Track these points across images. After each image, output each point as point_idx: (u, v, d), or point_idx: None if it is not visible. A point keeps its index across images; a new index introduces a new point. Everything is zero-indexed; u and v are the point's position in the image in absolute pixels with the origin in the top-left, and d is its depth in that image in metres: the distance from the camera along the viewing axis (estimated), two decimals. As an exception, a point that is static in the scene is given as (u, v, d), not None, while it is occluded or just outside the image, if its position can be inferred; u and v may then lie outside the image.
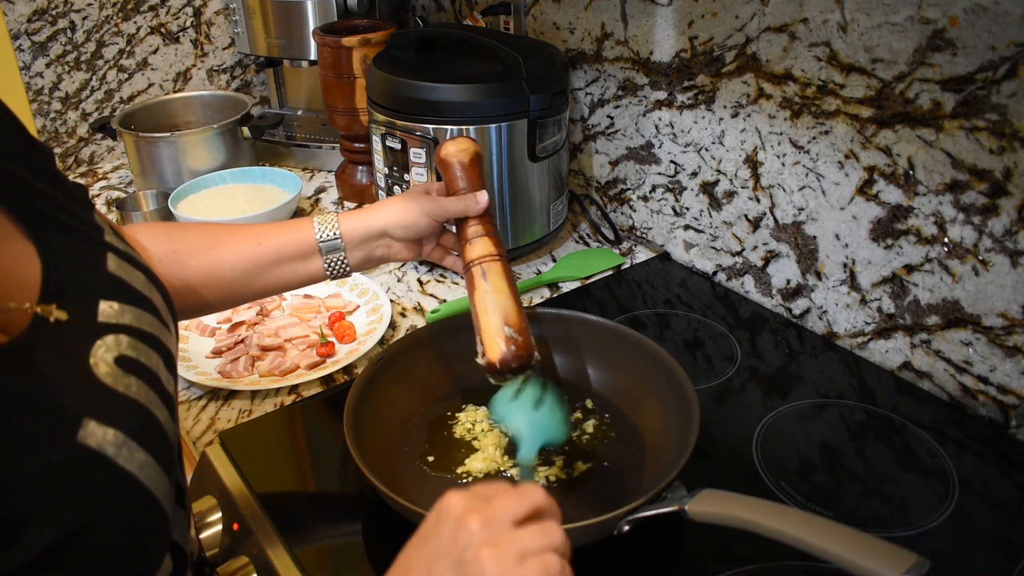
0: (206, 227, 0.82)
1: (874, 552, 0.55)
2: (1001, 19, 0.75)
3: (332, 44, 1.32)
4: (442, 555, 0.50)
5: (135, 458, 0.46)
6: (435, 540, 0.51)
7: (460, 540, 0.50)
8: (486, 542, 0.49)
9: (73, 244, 0.52)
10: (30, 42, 1.56)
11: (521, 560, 0.49)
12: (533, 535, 0.51)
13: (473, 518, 0.50)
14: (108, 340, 0.48)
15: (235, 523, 0.79)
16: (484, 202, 0.82)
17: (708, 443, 0.84)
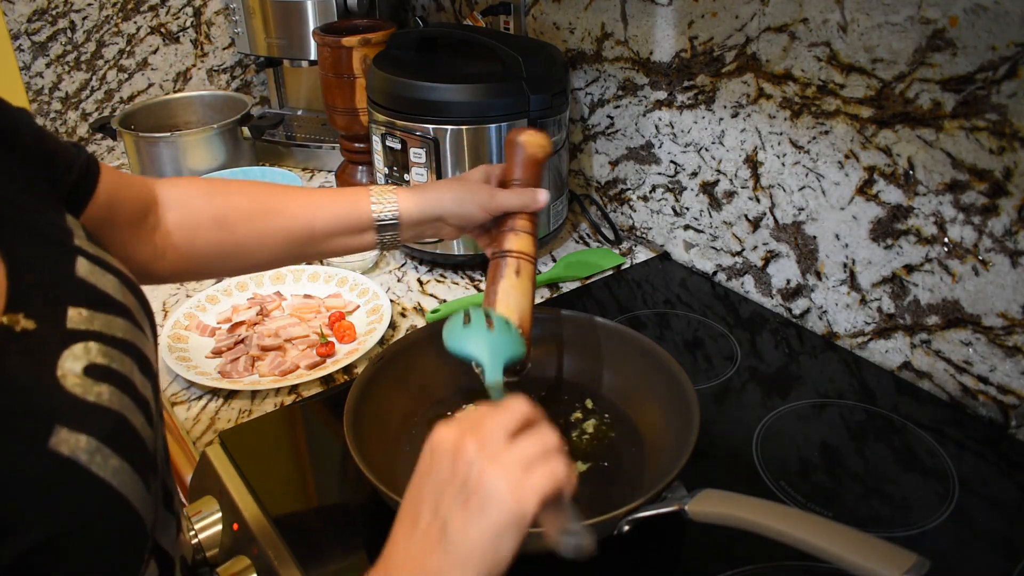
0: (257, 191, 0.80)
1: (874, 552, 0.55)
2: (1001, 19, 0.75)
3: (332, 44, 1.32)
4: (446, 486, 0.50)
5: (109, 464, 0.45)
6: (434, 474, 0.51)
7: (460, 466, 0.50)
8: (487, 461, 0.49)
9: (40, 250, 0.50)
10: (30, 42, 1.56)
11: (527, 469, 0.49)
12: (531, 443, 0.51)
13: (468, 441, 0.50)
14: (76, 349, 0.47)
15: (235, 523, 0.79)
16: (543, 202, 0.82)
17: (708, 443, 0.84)
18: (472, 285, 1.18)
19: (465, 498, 0.49)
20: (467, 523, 0.48)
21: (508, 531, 0.48)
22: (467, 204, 0.81)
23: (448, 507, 0.49)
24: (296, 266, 1.18)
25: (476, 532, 0.48)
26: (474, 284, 1.18)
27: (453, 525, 0.49)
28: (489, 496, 0.48)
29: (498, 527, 0.48)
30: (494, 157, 1.12)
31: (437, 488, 0.51)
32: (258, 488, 0.80)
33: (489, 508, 0.48)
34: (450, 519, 0.49)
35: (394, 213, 0.80)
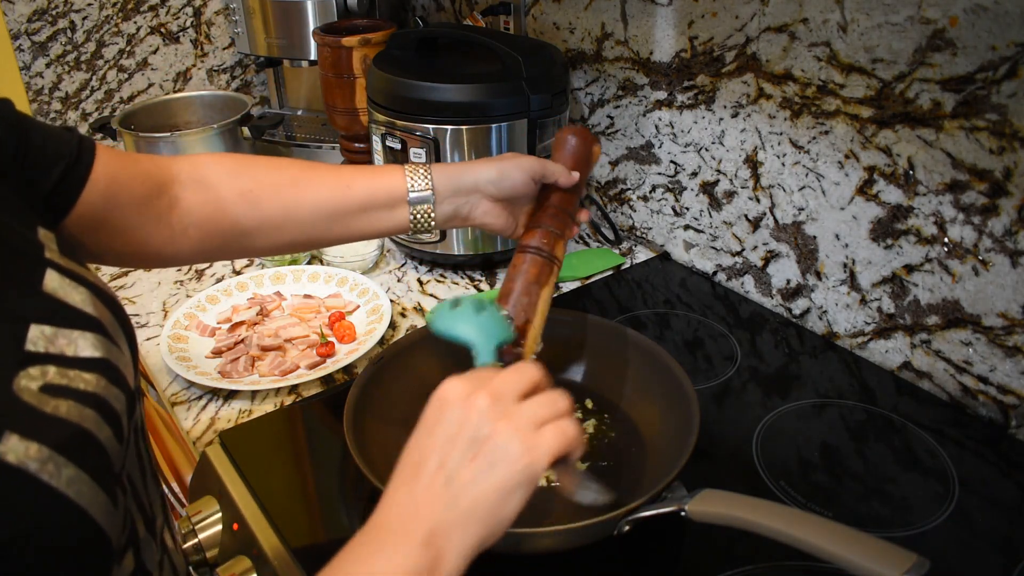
0: (284, 164, 0.77)
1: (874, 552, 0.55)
2: (1001, 19, 0.75)
3: (332, 44, 1.32)
4: (454, 439, 0.49)
5: (63, 474, 0.43)
6: (442, 426, 0.50)
7: (471, 419, 0.49)
8: (499, 416, 0.49)
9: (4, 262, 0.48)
10: (30, 42, 1.56)
11: (538, 428, 0.49)
12: (542, 405, 0.50)
13: (479, 396, 0.49)
14: (33, 371, 0.45)
15: (235, 523, 0.79)
16: (575, 178, 0.79)
17: (708, 443, 0.84)
18: (472, 285, 1.18)
19: (474, 453, 0.48)
20: (475, 478, 0.48)
21: (516, 489, 0.48)
22: (506, 165, 0.77)
23: (456, 460, 0.48)
24: (296, 266, 1.18)
25: (484, 488, 0.47)
26: (474, 284, 1.18)
27: (460, 479, 0.48)
28: (500, 452, 0.48)
29: (506, 484, 0.47)
30: (494, 157, 1.12)
31: (445, 440, 0.49)
32: (258, 488, 0.80)
33: (499, 464, 0.48)
34: (457, 472, 0.48)
35: (427, 183, 0.77)
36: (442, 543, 0.47)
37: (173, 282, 1.20)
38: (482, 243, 1.17)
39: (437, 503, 0.48)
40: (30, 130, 0.58)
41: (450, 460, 0.49)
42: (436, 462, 0.49)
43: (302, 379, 0.95)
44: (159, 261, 0.73)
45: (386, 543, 0.47)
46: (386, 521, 0.49)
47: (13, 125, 0.57)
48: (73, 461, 0.44)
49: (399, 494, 0.50)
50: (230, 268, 1.24)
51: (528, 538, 0.68)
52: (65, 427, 0.45)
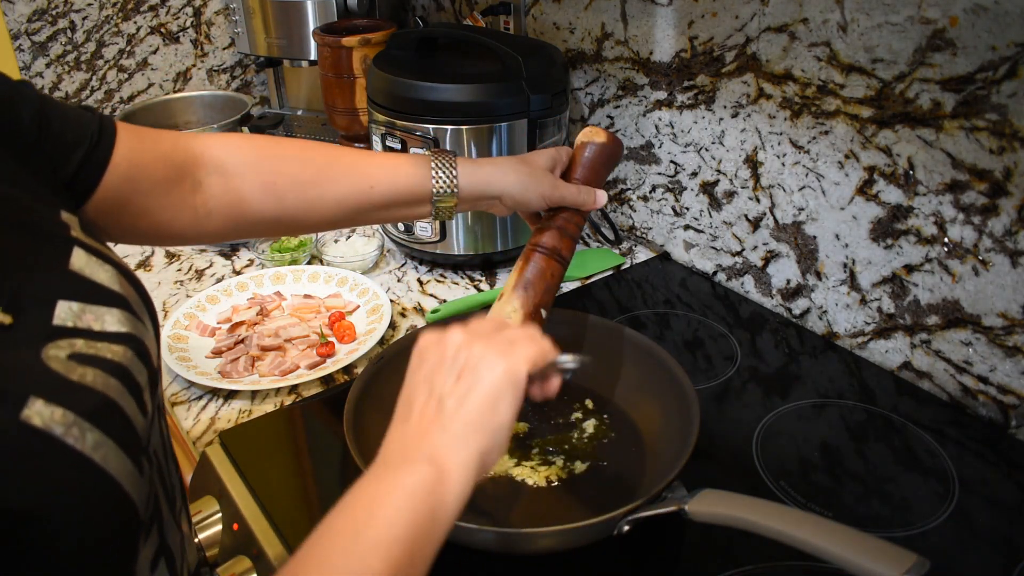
0: (310, 155, 0.77)
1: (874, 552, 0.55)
2: (1001, 19, 0.75)
3: (332, 44, 1.32)
4: (436, 368, 0.52)
5: (87, 438, 0.43)
6: (424, 365, 0.53)
7: (449, 350, 0.53)
8: (475, 338, 0.53)
9: (32, 244, 0.49)
10: (30, 42, 1.56)
11: (512, 344, 0.53)
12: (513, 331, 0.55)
13: (453, 332, 0.54)
14: (61, 343, 0.46)
15: (235, 523, 0.79)
16: (602, 202, 0.82)
17: (708, 443, 0.84)
18: (472, 285, 1.18)
19: (457, 373, 0.51)
20: (463, 394, 0.50)
21: (504, 394, 0.51)
22: (529, 191, 0.79)
23: (442, 385, 0.51)
24: (296, 266, 1.18)
25: (472, 400, 0.50)
26: (474, 284, 1.18)
27: (449, 400, 0.51)
28: (480, 365, 0.51)
29: (493, 390, 0.50)
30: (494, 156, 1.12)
31: (428, 374, 0.53)
32: (258, 488, 0.80)
33: (482, 375, 0.51)
34: (445, 395, 0.51)
35: (453, 184, 0.77)
36: (443, 459, 0.49)
37: (173, 282, 1.20)
38: (482, 243, 1.17)
39: (432, 427, 0.50)
40: (51, 113, 0.58)
41: (436, 387, 0.52)
42: (425, 393, 0.52)
43: (302, 379, 0.95)
44: (183, 241, 0.73)
45: (390, 470, 0.49)
46: (386, 456, 0.51)
47: (35, 110, 0.57)
48: (98, 427, 0.44)
49: (395, 432, 0.52)
50: (230, 268, 1.24)
51: (528, 538, 0.68)
52: (90, 394, 0.45)
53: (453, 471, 0.48)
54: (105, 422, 0.45)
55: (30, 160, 0.55)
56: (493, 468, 0.77)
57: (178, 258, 1.28)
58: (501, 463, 0.80)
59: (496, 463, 0.52)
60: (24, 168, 0.54)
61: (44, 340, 0.45)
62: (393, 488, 0.47)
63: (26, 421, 0.42)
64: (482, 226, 1.16)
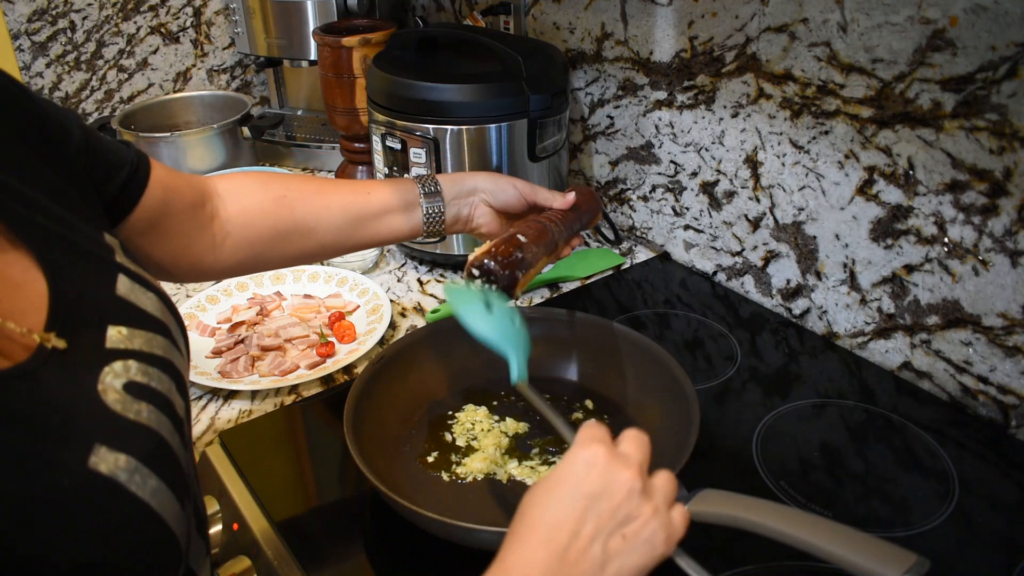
0: (307, 177, 0.85)
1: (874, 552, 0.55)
2: (1001, 19, 0.75)
3: (332, 44, 1.32)
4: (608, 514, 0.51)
5: (148, 485, 0.45)
6: (596, 497, 0.52)
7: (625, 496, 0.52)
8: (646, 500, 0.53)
9: (81, 266, 0.50)
10: (30, 42, 1.56)
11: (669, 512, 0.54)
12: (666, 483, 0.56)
13: (630, 473, 0.53)
14: (116, 366, 0.47)
15: (235, 523, 0.79)
16: (571, 200, 0.87)
17: (708, 443, 0.84)
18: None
19: (624, 532, 0.51)
20: (623, 553, 0.51)
21: (646, 569, 0.52)
22: (502, 181, 0.87)
23: (606, 534, 0.51)
24: (296, 266, 1.18)
25: (631, 564, 0.51)
26: (474, 284, 1.18)
27: (610, 552, 0.51)
28: (648, 536, 0.52)
29: (646, 565, 0.52)
30: (494, 157, 1.12)
31: (597, 508, 0.51)
32: (258, 488, 0.80)
33: (646, 547, 0.51)
34: (607, 553, 0.51)
35: (435, 187, 0.86)
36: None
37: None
38: (481, 243, 1.17)
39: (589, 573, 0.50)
40: (95, 138, 0.62)
41: (600, 533, 0.51)
42: (590, 533, 0.51)
43: (302, 379, 0.95)
44: (197, 271, 0.77)
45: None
46: None
47: (83, 134, 0.60)
48: (155, 472, 0.45)
49: (538, 555, 0.50)
50: (230, 268, 1.24)
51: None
52: (148, 436, 0.46)
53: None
54: (160, 466, 0.46)
55: (78, 181, 0.57)
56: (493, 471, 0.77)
57: (178, 258, 1.27)
58: (501, 463, 0.80)
59: None
60: (72, 188, 0.55)
61: (100, 364, 0.46)
62: None
63: (94, 468, 0.42)
64: (482, 226, 1.16)
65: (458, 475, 0.79)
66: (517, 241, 0.78)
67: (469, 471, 0.79)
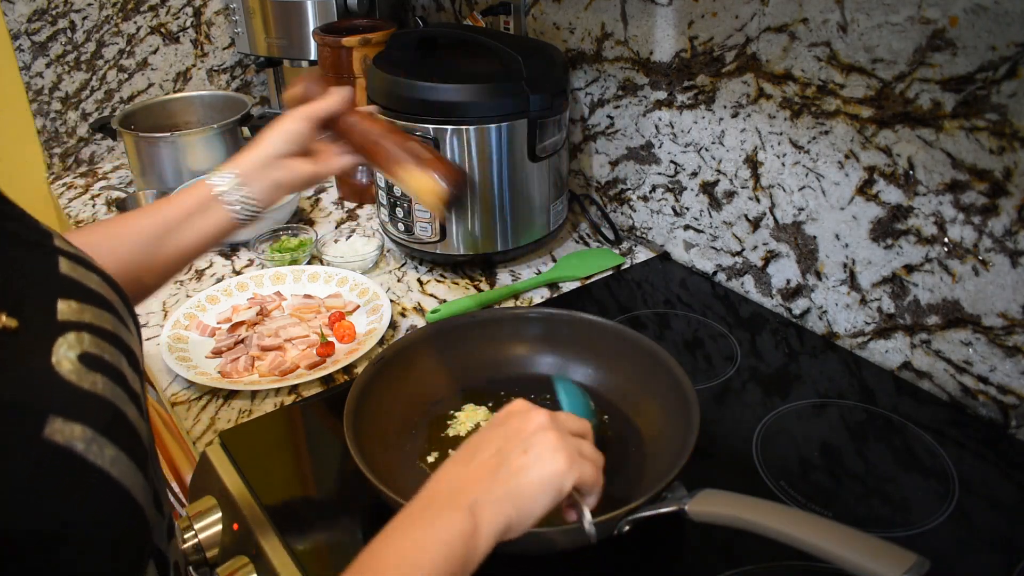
0: (109, 220, 0.81)
1: (874, 552, 0.55)
2: (1001, 19, 0.75)
3: (332, 44, 1.32)
4: (513, 435, 0.58)
5: (105, 454, 0.45)
6: (504, 426, 0.59)
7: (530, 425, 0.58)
8: (555, 431, 0.58)
9: (23, 251, 0.51)
10: (30, 42, 1.56)
11: (580, 456, 0.58)
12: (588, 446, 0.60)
13: (543, 413, 0.59)
14: (70, 338, 0.47)
15: (235, 523, 0.79)
16: (348, 93, 0.85)
17: (708, 443, 0.84)
18: (472, 285, 1.18)
19: (525, 448, 0.56)
20: (522, 467, 0.55)
21: (548, 491, 0.55)
22: (285, 122, 0.84)
23: (510, 449, 0.56)
24: (296, 266, 1.18)
25: (526, 477, 0.55)
26: (474, 284, 1.18)
27: (510, 465, 0.56)
28: (547, 455, 0.56)
29: (544, 481, 0.55)
30: (494, 157, 1.12)
31: (504, 436, 0.58)
32: (258, 488, 0.80)
33: (544, 463, 0.56)
34: (508, 459, 0.56)
35: (229, 173, 0.80)
36: (481, 515, 0.53)
37: (173, 282, 1.20)
38: (482, 243, 1.17)
39: (485, 480, 0.55)
40: None
41: (504, 449, 0.57)
42: (492, 449, 0.57)
43: (302, 379, 0.95)
44: None
45: (436, 510, 0.54)
46: (436, 493, 0.56)
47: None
48: (113, 442, 0.45)
49: (452, 471, 0.57)
50: (230, 268, 1.24)
51: (528, 538, 0.68)
52: (103, 405, 0.47)
53: (484, 532, 0.53)
54: (118, 435, 0.46)
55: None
56: None
57: (178, 258, 1.28)
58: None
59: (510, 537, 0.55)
60: None
61: (53, 336, 0.46)
62: (438, 534, 0.52)
63: (49, 438, 0.42)
64: (482, 226, 1.16)
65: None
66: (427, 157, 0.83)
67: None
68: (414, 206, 1.15)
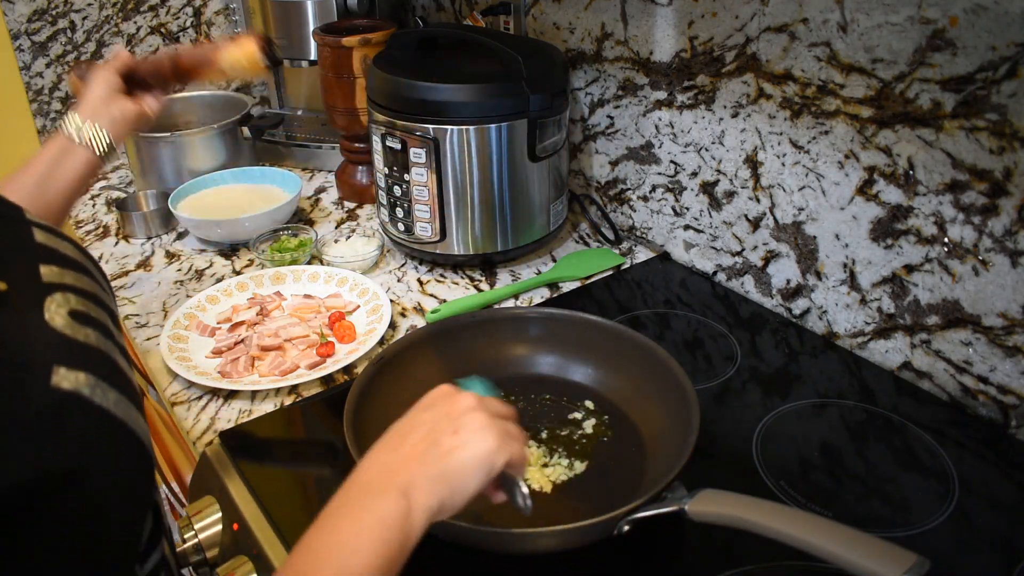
0: None
1: (874, 552, 0.55)
2: (1001, 19, 0.75)
3: (332, 44, 1.32)
4: (442, 418, 0.58)
5: (109, 397, 0.48)
6: (433, 409, 0.60)
7: (459, 408, 0.59)
8: (483, 413, 0.59)
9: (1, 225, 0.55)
10: (30, 42, 1.56)
11: (508, 435, 0.59)
12: (513, 427, 0.61)
13: (469, 396, 0.60)
14: (57, 297, 0.50)
15: (235, 523, 0.79)
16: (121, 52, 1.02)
17: (708, 443, 0.84)
18: (472, 285, 1.18)
19: (455, 429, 0.57)
20: (451, 448, 0.56)
21: (480, 468, 0.56)
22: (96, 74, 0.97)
23: (440, 431, 0.57)
24: (296, 266, 1.18)
25: (456, 457, 0.56)
26: (474, 284, 1.18)
27: (440, 447, 0.56)
28: (477, 435, 0.57)
29: (476, 460, 0.56)
30: (494, 157, 1.12)
31: (433, 418, 0.58)
32: (258, 488, 0.80)
33: (475, 444, 0.56)
34: (439, 441, 0.56)
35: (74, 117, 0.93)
36: (415, 496, 0.54)
37: (173, 282, 1.20)
38: (482, 243, 1.17)
39: (417, 462, 0.56)
40: None
41: (433, 431, 0.57)
42: (423, 432, 0.58)
43: (302, 379, 0.95)
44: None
45: (371, 495, 0.55)
46: (368, 478, 0.56)
47: None
48: (114, 386, 0.49)
49: (384, 455, 0.58)
50: (230, 268, 1.24)
51: (528, 538, 0.68)
52: (99, 355, 0.50)
53: (418, 509, 0.54)
54: (116, 381, 0.50)
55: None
56: None
57: (178, 258, 1.28)
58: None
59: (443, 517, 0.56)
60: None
61: (42, 297, 0.50)
62: (374, 517, 0.53)
63: (57, 386, 0.45)
64: (482, 226, 1.16)
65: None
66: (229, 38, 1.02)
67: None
68: (414, 206, 1.15)
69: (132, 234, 1.35)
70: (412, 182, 1.14)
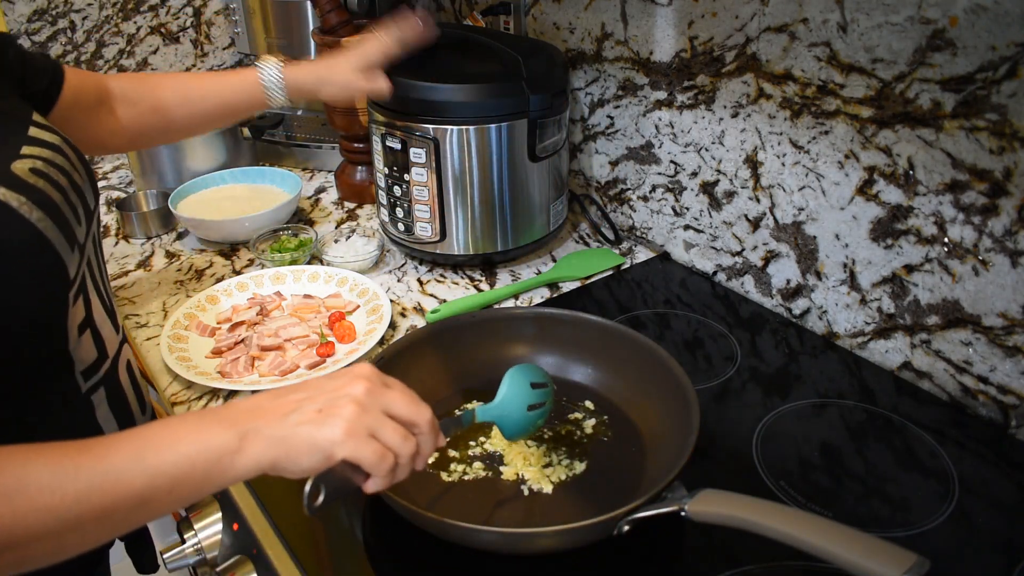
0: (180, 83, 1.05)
1: (874, 552, 0.55)
2: (1001, 19, 0.75)
3: (332, 44, 1.32)
4: (320, 392, 0.59)
5: (34, 215, 0.63)
6: (332, 382, 0.60)
7: (343, 392, 0.59)
8: (358, 405, 0.58)
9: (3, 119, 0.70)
10: (30, 42, 1.56)
11: (374, 436, 0.58)
12: (393, 431, 0.59)
13: (369, 385, 0.60)
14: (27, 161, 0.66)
15: (235, 523, 0.79)
16: None
17: (708, 443, 0.84)
18: (472, 285, 1.18)
19: (322, 406, 0.58)
20: (306, 420, 0.57)
21: (315, 452, 0.57)
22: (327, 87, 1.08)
23: (311, 401, 0.58)
24: (296, 266, 1.18)
25: (303, 430, 0.57)
26: (474, 284, 1.18)
27: (303, 413, 0.58)
28: (330, 420, 0.57)
29: (315, 441, 0.57)
30: (494, 157, 1.12)
31: (320, 388, 0.60)
32: (258, 488, 0.80)
33: (323, 427, 0.57)
34: (304, 409, 0.58)
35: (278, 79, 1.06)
36: (251, 443, 0.56)
37: (173, 282, 1.20)
38: (482, 243, 1.17)
39: (273, 418, 0.57)
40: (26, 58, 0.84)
41: (308, 400, 0.59)
42: (301, 396, 0.59)
43: (302, 379, 0.95)
44: (106, 148, 1.04)
45: (215, 422, 0.57)
46: (229, 412, 0.58)
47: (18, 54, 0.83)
48: (43, 210, 0.64)
49: (258, 398, 0.60)
50: (230, 268, 1.24)
51: (528, 538, 0.68)
52: (41, 193, 0.66)
53: (247, 454, 0.56)
54: (49, 212, 0.65)
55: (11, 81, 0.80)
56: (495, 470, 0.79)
57: (178, 258, 1.28)
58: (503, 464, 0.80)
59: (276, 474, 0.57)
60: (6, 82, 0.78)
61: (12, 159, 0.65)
62: (200, 436, 0.56)
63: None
64: (482, 226, 1.16)
65: (458, 475, 0.79)
66: None
67: (470, 470, 0.79)
68: (414, 206, 1.15)
69: (132, 234, 1.35)
70: (412, 182, 1.14)
